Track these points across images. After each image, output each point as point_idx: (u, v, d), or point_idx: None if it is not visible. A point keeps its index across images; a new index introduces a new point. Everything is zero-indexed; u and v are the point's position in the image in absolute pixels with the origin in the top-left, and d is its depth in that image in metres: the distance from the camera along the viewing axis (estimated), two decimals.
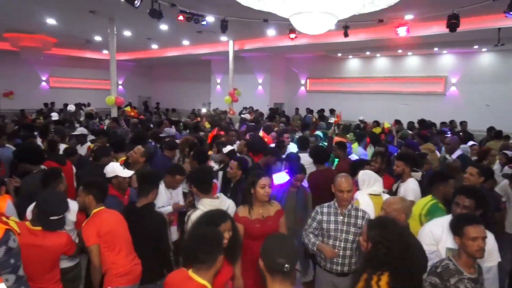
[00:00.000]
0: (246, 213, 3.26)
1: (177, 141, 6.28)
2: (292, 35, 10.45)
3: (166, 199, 4.12)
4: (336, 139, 7.26)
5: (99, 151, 4.90)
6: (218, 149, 5.76)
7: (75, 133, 6.99)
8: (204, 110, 18.44)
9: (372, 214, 3.50)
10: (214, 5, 9.21)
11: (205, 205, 3.27)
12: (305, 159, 5.46)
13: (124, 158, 4.98)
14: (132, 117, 10.61)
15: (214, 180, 4.21)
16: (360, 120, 12.36)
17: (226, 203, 3.48)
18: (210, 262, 2.24)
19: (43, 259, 2.65)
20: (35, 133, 7.04)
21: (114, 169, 3.61)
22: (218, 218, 2.64)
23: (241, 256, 3.09)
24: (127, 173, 3.66)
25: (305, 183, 4.69)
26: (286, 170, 4.51)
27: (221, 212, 2.82)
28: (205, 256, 2.24)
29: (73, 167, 5.01)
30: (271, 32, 12.69)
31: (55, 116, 11.42)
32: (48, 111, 14.27)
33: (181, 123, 10.40)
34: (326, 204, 3.42)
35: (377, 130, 9.60)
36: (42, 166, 4.31)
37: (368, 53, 14.97)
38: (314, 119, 12.86)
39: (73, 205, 3.25)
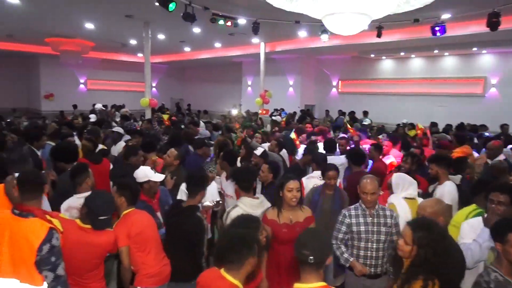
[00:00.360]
0: (274, 216, 3.22)
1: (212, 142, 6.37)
2: (325, 39, 10.34)
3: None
4: (367, 141, 7.16)
5: (128, 150, 4.98)
6: (246, 151, 5.76)
7: (113, 129, 7.28)
8: (235, 112, 18.60)
9: (409, 218, 3.40)
10: (246, 8, 9.28)
11: (245, 203, 3.39)
12: (333, 161, 5.40)
13: (154, 158, 5.10)
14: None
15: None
16: (403, 123, 11.96)
17: (265, 205, 3.50)
18: (238, 262, 2.24)
19: (91, 256, 2.72)
20: (74, 133, 7.31)
21: (146, 173, 3.62)
22: (249, 239, 2.54)
23: (267, 258, 3.09)
24: (159, 177, 3.68)
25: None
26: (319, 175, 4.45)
27: (251, 217, 2.83)
28: (233, 256, 2.25)
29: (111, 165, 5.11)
30: (302, 33, 12.64)
31: (93, 117, 11.84)
32: (90, 112, 14.77)
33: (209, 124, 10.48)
34: (353, 206, 3.37)
35: (412, 132, 9.36)
36: None
37: (402, 53, 14.58)
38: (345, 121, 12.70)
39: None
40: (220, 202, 4.11)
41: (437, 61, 14.71)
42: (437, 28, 9.24)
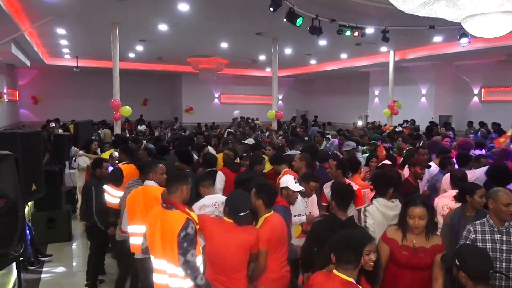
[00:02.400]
0: (396, 236, 2.92)
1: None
2: (464, 43, 9.41)
3: (302, 207, 4.08)
4: None
5: (253, 159, 5.22)
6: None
7: (245, 142, 7.81)
8: (360, 123, 18.09)
9: None
10: (374, 16, 9.03)
11: (380, 203, 3.42)
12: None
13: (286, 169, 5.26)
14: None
15: None
16: None
17: (399, 209, 3.33)
18: (356, 262, 2.29)
19: (237, 249, 2.96)
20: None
21: (287, 181, 3.72)
22: (364, 237, 2.50)
23: (382, 280, 2.87)
24: (297, 187, 3.71)
25: None
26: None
27: (365, 232, 2.74)
28: (350, 256, 2.28)
29: None
30: (437, 38, 11.71)
31: (232, 130, 12.86)
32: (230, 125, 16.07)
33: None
34: (479, 221, 3.00)
35: None
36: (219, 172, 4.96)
37: None
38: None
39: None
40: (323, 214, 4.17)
41: None
42: None
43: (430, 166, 5.24)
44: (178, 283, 2.76)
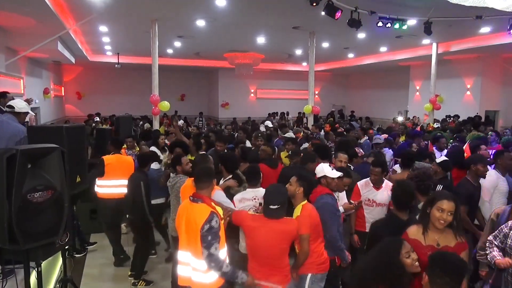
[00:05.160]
0: (418, 235, 2.77)
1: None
2: None
3: None
4: None
5: (305, 157, 5.12)
6: None
7: (285, 135, 7.95)
8: (400, 119, 17.55)
9: None
10: (416, 8, 8.68)
11: None
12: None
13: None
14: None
15: None
16: None
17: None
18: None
19: (277, 242, 3.02)
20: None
21: (323, 169, 3.75)
22: (394, 246, 2.41)
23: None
24: (335, 173, 3.73)
25: None
26: None
27: (395, 240, 2.59)
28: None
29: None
30: (485, 29, 11.11)
31: (269, 124, 12.87)
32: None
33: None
34: None
35: None
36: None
37: None
38: None
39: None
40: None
41: None
42: None
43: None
44: (200, 277, 2.80)
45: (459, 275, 2.11)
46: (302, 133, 9.54)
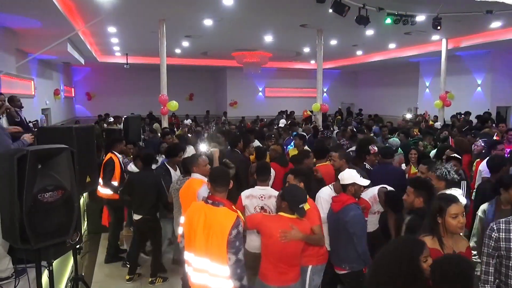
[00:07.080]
0: (436, 245, 2.65)
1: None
2: None
3: None
4: None
5: (301, 154, 5.29)
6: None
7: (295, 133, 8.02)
8: (409, 116, 17.39)
9: None
10: (425, 3, 8.58)
11: None
12: None
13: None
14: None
15: None
16: None
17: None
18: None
19: (297, 242, 3.07)
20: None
21: (353, 176, 3.59)
22: (417, 246, 2.31)
23: None
24: (365, 181, 3.61)
25: None
26: None
27: (417, 241, 2.50)
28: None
29: None
30: (495, 24, 10.96)
31: (282, 123, 12.85)
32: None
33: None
34: (503, 219, 2.75)
35: None
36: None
37: None
38: None
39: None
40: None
41: None
42: None
43: None
44: (219, 283, 2.63)
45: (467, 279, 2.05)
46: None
